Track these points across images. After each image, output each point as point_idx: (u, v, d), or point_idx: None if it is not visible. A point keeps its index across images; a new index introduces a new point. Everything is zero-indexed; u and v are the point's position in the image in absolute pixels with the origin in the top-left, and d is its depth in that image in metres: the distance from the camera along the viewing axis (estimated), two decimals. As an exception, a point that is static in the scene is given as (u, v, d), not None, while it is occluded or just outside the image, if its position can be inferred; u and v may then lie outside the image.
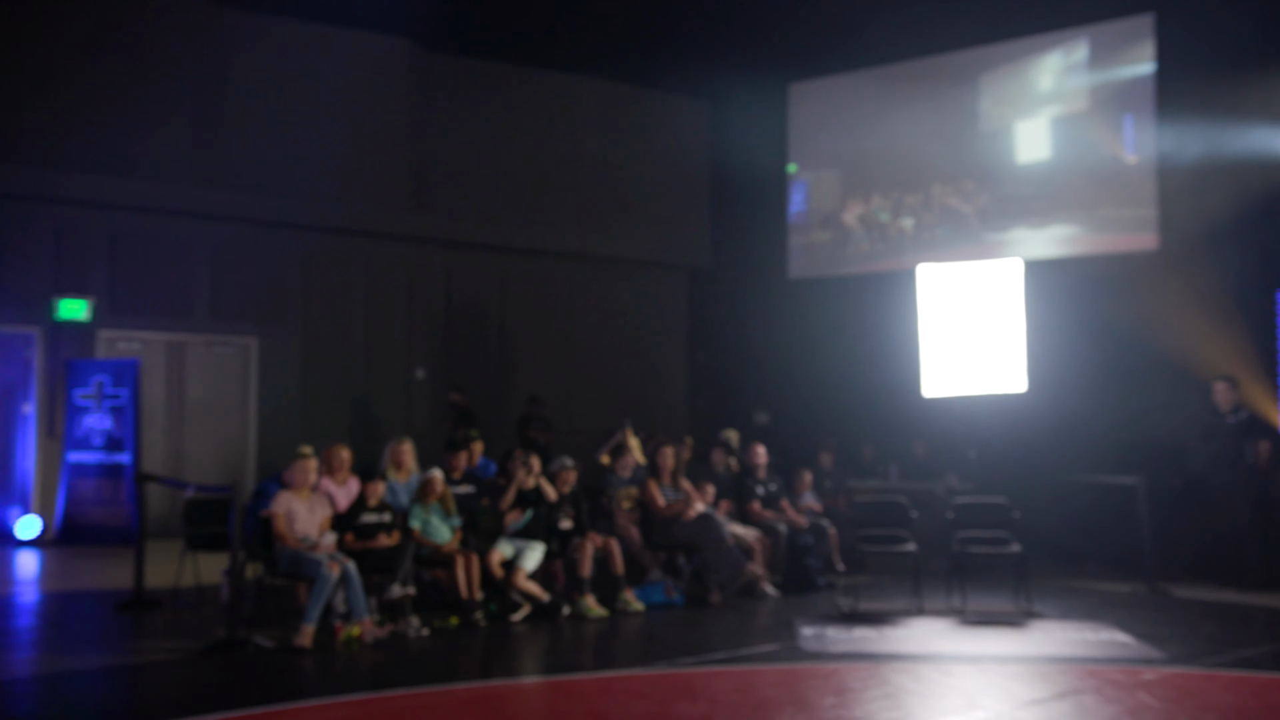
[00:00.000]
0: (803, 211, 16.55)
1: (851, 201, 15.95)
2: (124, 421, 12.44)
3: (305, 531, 7.82)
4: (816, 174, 16.48)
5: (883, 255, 15.58)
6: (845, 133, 16.05)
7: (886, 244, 15.58)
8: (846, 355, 15.32)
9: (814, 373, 15.93)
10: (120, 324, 13.43)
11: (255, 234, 14.34)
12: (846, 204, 16.02)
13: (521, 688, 6.63)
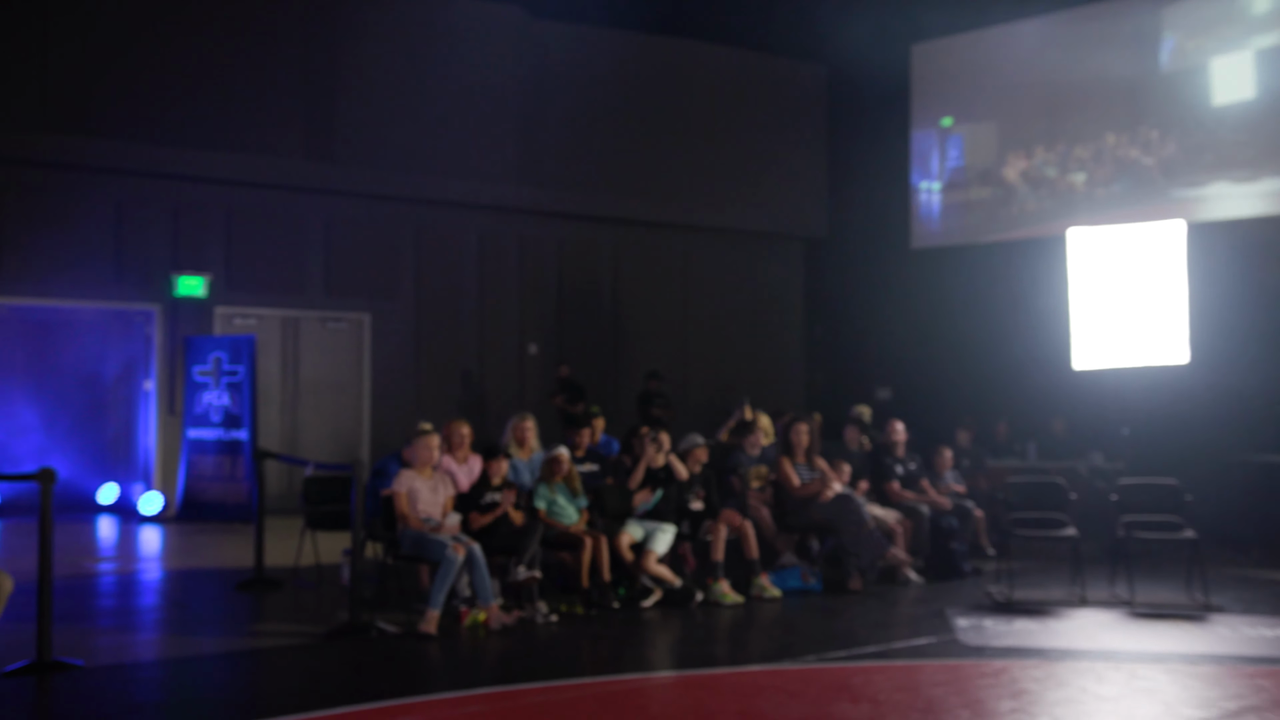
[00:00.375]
0: (959, 167, 15.42)
1: (1013, 155, 14.75)
2: (241, 398, 12.28)
3: (428, 512, 7.42)
4: (973, 127, 15.30)
5: (1052, 214, 14.21)
6: (1003, 81, 14.79)
7: (1056, 201, 14.33)
8: (978, 327, 14.51)
9: (941, 346, 15.14)
10: (236, 300, 13.28)
11: (368, 208, 14.08)
12: (1007, 158, 14.81)
13: (662, 683, 6.12)
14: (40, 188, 12.14)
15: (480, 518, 7.58)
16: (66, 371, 13.13)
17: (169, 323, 12.85)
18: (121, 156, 12.36)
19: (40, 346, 13.16)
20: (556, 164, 15.32)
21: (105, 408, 13.48)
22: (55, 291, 12.25)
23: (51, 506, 6.17)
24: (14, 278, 11.97)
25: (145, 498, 12.37)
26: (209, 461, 12.43)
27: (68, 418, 13.14)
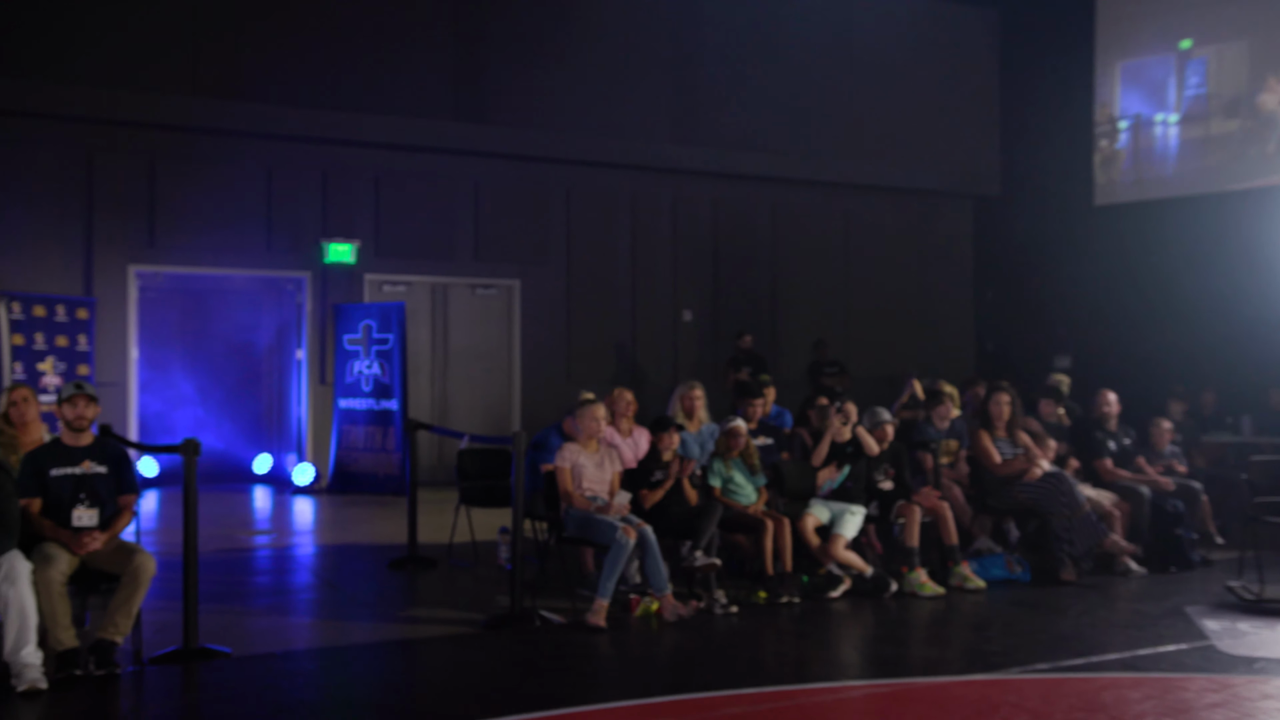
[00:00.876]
0: (1199, 95, 13.63)
1: (1274, 80, 12.89)
2: (391, 367, 11.81)
3: (593, 489, 6.68)
4: (1219, 48, 13.45)
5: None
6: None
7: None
8: (1176, 289, 13.09)
9: (1131, 309, 13.77)
10: (385, 267, 12.82)
11: (517, 170, 13.45)
12: (1267, 82, 12.90)
13: (870, 694, 5.23)
14: (191, 153, 11.85)
15: (651, 496, 6.81)
16: (220, 341, 12.90)
17: (319, 290, 12.47)
18: (271, 120, 11.97)
19: (194, 315, 12.96)
20: (712, 120, 14.41)
21: (258, 377, 13.23)
22: (207, 259, 11.97)
23: (195, 480, 5.62)
24: (167, 245, 11.72)
25: (298, 469, 12.05)
26: (359, 432, 12.03)
27: (222, 387, 12.93)
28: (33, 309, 10.41)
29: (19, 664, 4.87)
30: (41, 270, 11.13)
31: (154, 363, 12.41)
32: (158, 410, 12.48)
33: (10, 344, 10.15)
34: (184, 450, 5.59)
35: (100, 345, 11.29)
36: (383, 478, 11.80)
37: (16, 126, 11.09)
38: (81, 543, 5.20)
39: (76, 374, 10.80)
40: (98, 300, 11.28)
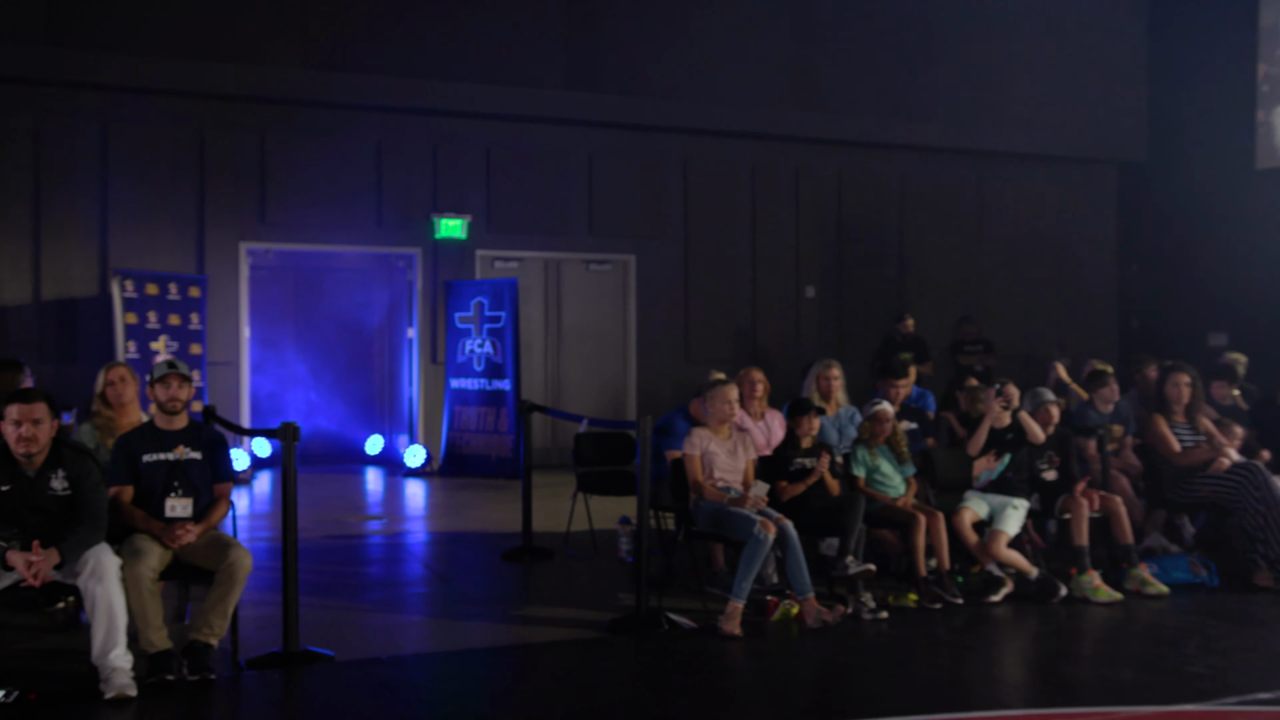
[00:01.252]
0: None
1: None
2: (503, 346, 11.32)
3: (726, 479, 6.02)
4: None
5: None
6: None
7: None
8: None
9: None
10: (497, 243, 12.32)
11: (633, 140, 12.81)
12: None
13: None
14: (301, 127, 11.49)
15: (790, 487, 6.11)
16: (331, 319, 12.58)
17: (430, 267, 12.04)
18: (381, 91, 11.54)
19: (304, 293, 12.66)
20: (836, 85, 13.55)
21: (370, 356, 12.89)
22: (318, 235, 11.62)
23: (295, 468, 5.12)
24: (278, 221, 11.40)
25: (409, 451, 11.65)
26: (471, 413, 11.57)
27: (333, 367, 12.62)
28: (145, 287, 10.16)
29: (107, 668, 4.42)
30: (154, 248, 10.90)
31: (265, 342, 12.14)
32: (270, 390, 12.22)
33: (124, 323, 9.91)
34: (282, 435, 5.07)
35: (212, 324, 11.03)
36: (495, 460, 11.33)
37: (129, 103, 10.86)
38: (174, 535, 4.74)
39: (189, 353, 10.55)
40: (209, 278, 11.02)
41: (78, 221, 10.68)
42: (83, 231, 10.70)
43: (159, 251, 10.92)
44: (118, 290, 9.90)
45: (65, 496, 4.54)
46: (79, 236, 10.69)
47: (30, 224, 10.56)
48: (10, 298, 10.48)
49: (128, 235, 10.81)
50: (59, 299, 10.63)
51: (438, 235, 11.94)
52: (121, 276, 9.97)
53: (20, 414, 4.44)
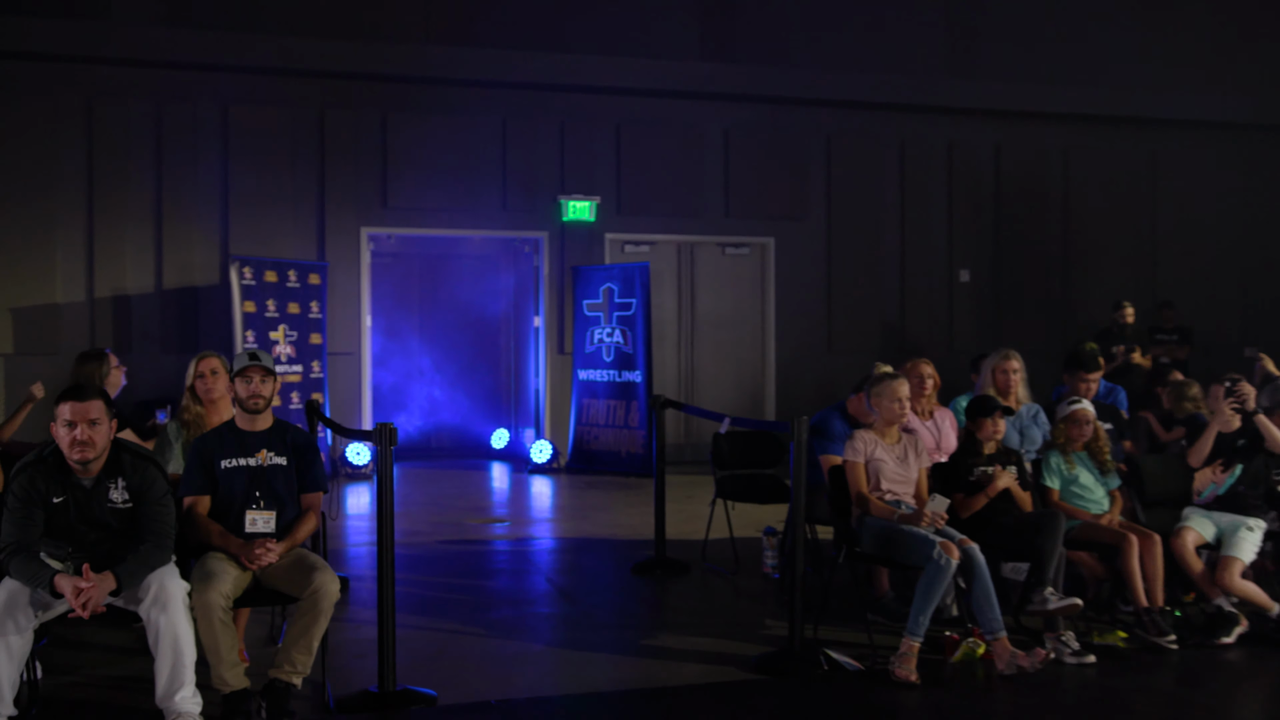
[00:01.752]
0: None
1: None
2: (634, 335, 10.50)
3: (895, 491, 5.05)
4: None
5: None
6: None
7: None
8: None
9: None
10: (627, 225, 11.50)
11: (771, 115, 11.83)
12: None
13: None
14: (423, 105, 10.87)
15: (971, 501, 5.10)
16: (453, 307, 11.98)
17: (557, 251, 11.29)
18: (506, 66, 10.83)
19: (426, 280, 12.09)
20: (992, 50, 12.31)
21: (495, 346, 12.25)
22: (441, 220, 10.99)
23: (392, 477, 4.38)
24: (399, 205, 10.80)
25: (535, 446, 10.94)
26: (600, 406, 10.79)
27: (457, 357, 12.02)
28: (264, 274, 9.66)
29: (173, 711, 3.74)
30: (273, 233, 10.43)
31: (386, 331, 11.61)
32: (392, 382, 11.68)
33: (242, 311, 9.43)
34: (378, 438, 4.32)
35: (332, 312, 10.51)
36: (625, 457, 10.53)
37: (249, 84, 10.40)
38: (253, 554, 4.03)
39: (309, 343, 10.04)
40: (330, 264, 10.49)
41: (198, 207, 10.28)
42: (204, 217, 10.29)
43: (278, 237, 10.44)
44: (236, 277, 9.42)
45: (126, 510, 3.87)
46: (200, 222, 10.28)
47: (152, 210, 10.19)
48: (134, 286, 10.12)
49: (247, 221, 10.37)
50: (180, 287, 10.24)
51: (565, 218, 11.19)
52: (240, 263, 9.49)
53: (74, 413, 3.77)
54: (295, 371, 9.90)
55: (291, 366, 9.86)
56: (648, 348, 10.43)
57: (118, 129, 10.07)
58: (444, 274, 12.01)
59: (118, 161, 10.07)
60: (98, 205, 10.03)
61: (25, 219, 9.85)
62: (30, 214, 9.85)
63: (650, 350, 10.46)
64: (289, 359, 9.86)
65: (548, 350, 11.32)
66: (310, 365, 10.06)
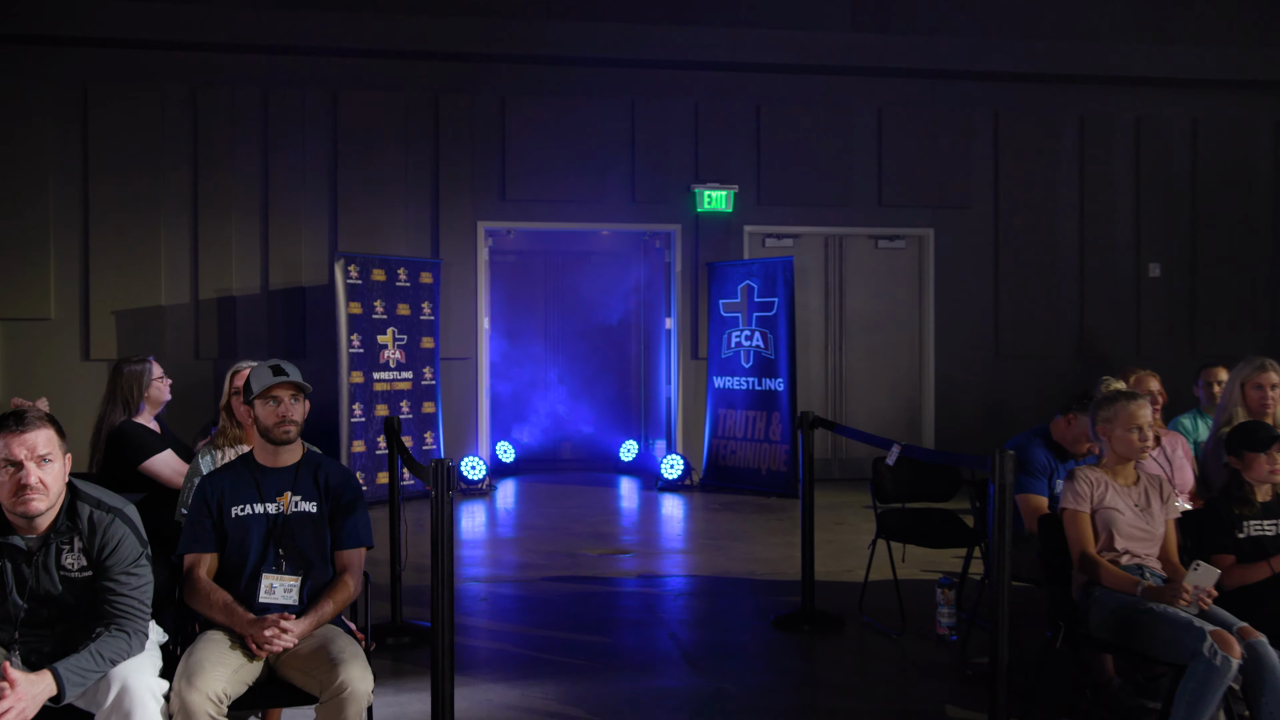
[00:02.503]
0: None
1: None
2: (776, 338, 9.25)
3: (1135, 551, 3.68)
4: None
5: None
6: None
7: None
8: None
9: None
10: (768, 217, 10.24)
11: (930, 90, 10.39)
12: None
13: None
14: (545, 87, 9.84)
15: (1245, 571, 3.68)
16: (579, 307, 10.93)
17: (690, 246, 10.11)
18: (633, 41, 9.71)
19: (549, 278, 11.07)
20: (1188, 9, 10.58)
21: (623, 350, 11.15)
22: (563, 213, 9.94)
23: (452, 524, 3.28)
24: (519, 197, 9.80)
25: (666, 460, 9.77)
26: (738, 418, 9.57)
27: (582, 362, 10.97)
28: (371, 272, 8.78)
29: None
30: (382, 229, 9.56)
31: (505, 334, 10.64)
32: (511, 391, 10.70)
33: (347, 313, 8.56)
34: (433, 476, 3.21)
35: (446, 314, 9.57)
36: (765, 475, 9.28)
37: (357, 67, 9.56)
38: (265, 635, 2.96)
39: (420, 347, 9.11)
40: (443, 262, 9.55)
41: (305, 200, 9.48)
42: (311, 212, 9.49)
43: (388, 232, 9.57)
44: (340, 275, 8.55)
45: (83, 579, 2.84)
46: (308, 217, 9.49)
47: (259, 204, 9.43)
48: (241, 286, 9.38)
49: (356, 215, 9.52)
50: (287, 287, 9.45)
51: (699, 209, 10.00)
52: (345, 260, 8.62)
53: (14, 448, 2.75)
54: (405, 379, 8.99)
55: (400, 373, 8.95)
56: (791, 353, 9.15)
57: (222, 117, 9.35)
58: (567, 272, 10.98)
59: (222, 151, 9.35)
60: (202, 200, 9.32)
61: (129, 216, 9.20)
62: (134, 210, 9.21)
63: (794, 355, 9.18)
64: (398, 364, 8.94)
65: (680, 355, 10.15)
66: (421, 371, 9.13)
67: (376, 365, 8.80)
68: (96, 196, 9.14)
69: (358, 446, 8.62)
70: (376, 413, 8.72)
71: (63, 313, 9.16)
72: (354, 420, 8.60)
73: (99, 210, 9.15)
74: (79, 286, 9.16)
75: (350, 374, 8.59)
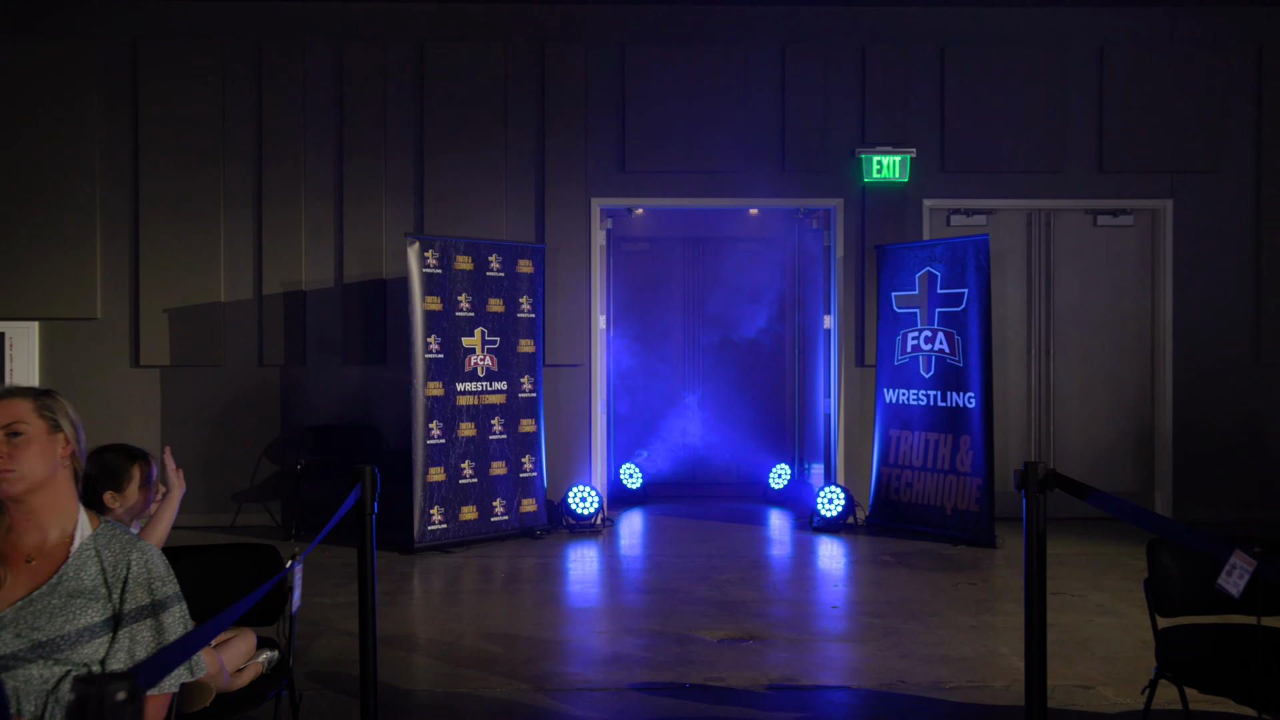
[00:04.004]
0: None
1: None
2: (965, 340, 7.03)
3: None
4: None
5: None
6: None
7: None
8: None
9: None
10: (954, 188, 8.00)
11: (1169, 21, 7.94)
12: None
13: None
14: (676, 31, 7.89)
15: None
16: (718, 303, 8.93)
17: (854, 225, 7.97)
18: (782, -27, 7.67)
19: (680, 268, 9.11)
20: None
21: (770, 355, 9.10)
22: (698, 186, 7.97)
23: (373, 605, 1.29)
24: (645, 169, 7.88)
25: (823, 493, 7.65)
26: (915, 441, 7.37)
27: (723, 369, 8.98)
28: (454, 259, 7.02)
29: None
30: (474, 209, 7.80)
31: (623, 335, 8.74)
32: (634, 404, 8.80)
33: (423, 309, 6.82)
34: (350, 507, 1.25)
35: (552, 311, 7.74)
36: (952, 515, 7.07)
37: (443, 13, 7.83)
38: None
39: (517, 351, 7.29)
40: (547, 248, 7.73)
41: (386, 174, 7.81)
42: (392, 187, 7.82)
43: (482, 213, 7.80)
44: (415, 263, 6.82)
45: None
46: (389, 195, 7.82)
47: (332, 181, 7.82)
48: (312, 279, 7.79)
49: (444, 192, 7.80)
50: (364, 280, 7.81)
51: (866, 179, 7.86)
52: (421, 244, 6.88)
53: None
54: (497, 390, 7.19)
55: (492, 383, 7.15)
56: (985, 359, 6.91)
57: (291, 77, 7.77)
58: (703, 260, 9.00)
59: (290, 118, 7.78)
60: (267, 177, 7.77)
61: (184, 197, 7.73)
62: (190, 190, 7.73)
63: (988, 363, 6.93)
64: (488, 373, 7.15)
65: (842, 361, 8.01)
66: (518, 382, 7.31)
67: (461, 374, 7.02)
68: (147, 176, 7.71)
69: (435, 474, 6.86)
70: (460, 433, 6.96)
71: (111, 312, 7.76)
72: (431, 442, 6.84)
73: (150, 193, 7.71)
74: (129, 282, 7.74)
75: (426, 384, 6.84)
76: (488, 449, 7.10)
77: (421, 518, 6.78)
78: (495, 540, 7.10)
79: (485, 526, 7.07)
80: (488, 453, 7.11)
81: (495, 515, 7.13)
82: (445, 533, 6.88)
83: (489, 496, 7.11)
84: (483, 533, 7.06)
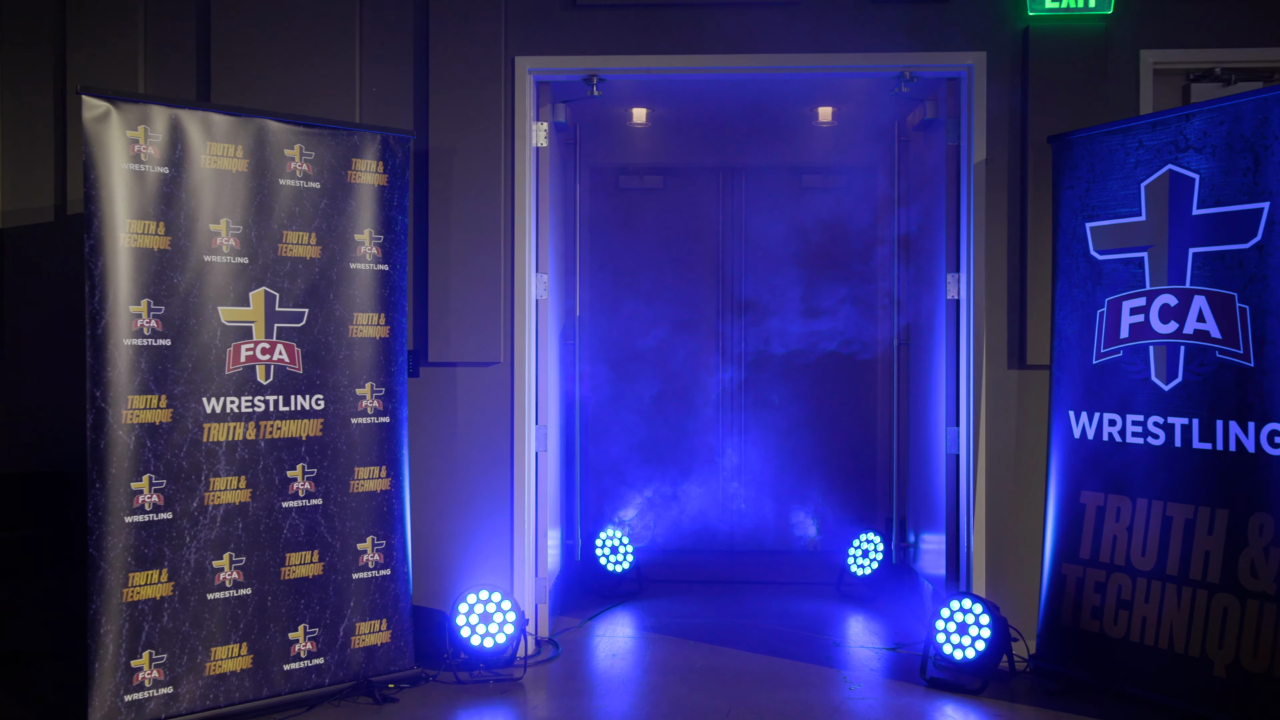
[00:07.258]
0: None
1: None
2: (1245, 313, 3.12)
3: None
4: None
5: None
6: None
7: None
8: None
9: None
10: (1194, 31, 4.08)
11: None
12: None
13: None
14: None
15: None
16: (763, 260, 5.17)
17: (1005, 101, 4.07)
18: None
19: (713, 212, 5.36)
20: None
21: (853, 349, 5.25)
22: (723, 39, 4.16)
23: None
24: (688, 24, 4.12)
25: (955, 613, 3.79)
26: (1141, 518, 3.48)
27: (772, 371, 5.19)
28: (198, 150, 3.39)
29: None
30: (287, 73, 4.13)
31: (607, 310, 5.04)
32: (611, 438, 5.08)
33: (128, 246, 3.22)
34: None
35: (437, 266, 4.06)
36: (1226, 679, 3.15)
37: None
38: None
39: (348, 335, 3.64)
40: (432, 146, 4.04)
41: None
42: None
43: (311, 81, 4.13)
44: (113, 154, 3.21)
45: None
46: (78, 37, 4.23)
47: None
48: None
49: (243, 42, 4.16)
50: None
51: (1032, 12, 3.99)
52: (122, 117, 3.26)
53: None
54: (303, 412, 3.56)
55: (291, 400, 3.52)
56: None
57: None
58: (735, 201, 5.26)
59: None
60: None
61: None
62: None
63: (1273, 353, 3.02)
64: (280, 377, 3.51)
65: (981, 359, 4.11)
66: (351, 395, 3.65)
67: (215, 379, 3.40)
68: None
69: (146, 583, 3.25)
70: (211, 498, 3.35)
71: None
72: (137, 518, 3.23)
73: None
74: None
75: (128, 400, 3.24)
76: (278, 527, 3.47)
77: (113, 673, 3.19)
78: (290, 711, 3.46)
79: (268, 683, 3.45)
80: (278, 535, 3.48)
81: (293, 660, 3.49)
82: (169, 704, 3.27)
83: (279, 622, 3.48)
84: (264, 695, 3.43)
